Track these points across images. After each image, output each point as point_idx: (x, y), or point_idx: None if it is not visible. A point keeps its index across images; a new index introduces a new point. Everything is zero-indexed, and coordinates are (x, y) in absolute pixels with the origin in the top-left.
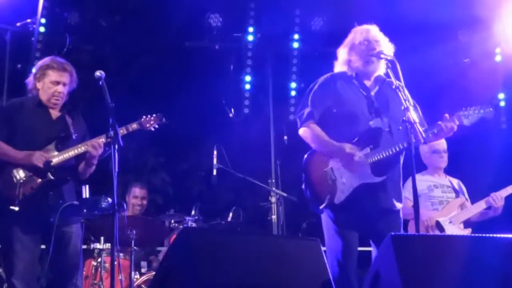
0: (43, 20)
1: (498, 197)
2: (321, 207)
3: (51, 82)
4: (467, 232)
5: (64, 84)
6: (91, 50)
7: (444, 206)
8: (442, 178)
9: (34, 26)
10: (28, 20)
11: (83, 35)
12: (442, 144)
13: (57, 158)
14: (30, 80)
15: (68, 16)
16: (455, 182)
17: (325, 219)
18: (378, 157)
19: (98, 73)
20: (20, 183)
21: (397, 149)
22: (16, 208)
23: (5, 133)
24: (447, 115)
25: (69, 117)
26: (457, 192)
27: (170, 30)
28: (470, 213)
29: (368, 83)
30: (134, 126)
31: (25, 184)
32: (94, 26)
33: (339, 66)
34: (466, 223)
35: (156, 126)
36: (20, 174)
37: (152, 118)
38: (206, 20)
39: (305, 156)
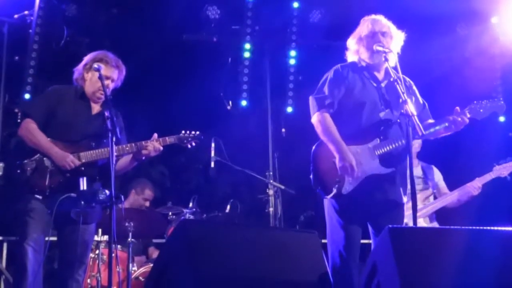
0: (40, 12)
1: (476, 187)
2: (328, 196)
3: None
4: (433, 225)
5: (112, 80)
6: (88, 43)
7: (409, 200)
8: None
9: (32, 18)
10: (26, 12)
11: (80, 28)
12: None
13: (90, 155)
14: (78, 68)
15: (65, 8)
16: (429, 168)
17: (329, 208)
18: (387, 148)
19: (95, 65)
20: (50, 173)
21: (405, 141)
22: (40, 197)
23: (43, 119)
24: (457, 108)
25: (108, 114)
26: (426, 183)
27: (168, 22)
28: (436, 206)
29: (378, 75)
30: (171, 140)
31: (54, 176)
32: (92, 19)
33: (350, 56)
34: (441, 213)
35: (193, 144)
36: (51, 164)
37: (190, 134)
38: (204, 13)
39: (314, 146)
